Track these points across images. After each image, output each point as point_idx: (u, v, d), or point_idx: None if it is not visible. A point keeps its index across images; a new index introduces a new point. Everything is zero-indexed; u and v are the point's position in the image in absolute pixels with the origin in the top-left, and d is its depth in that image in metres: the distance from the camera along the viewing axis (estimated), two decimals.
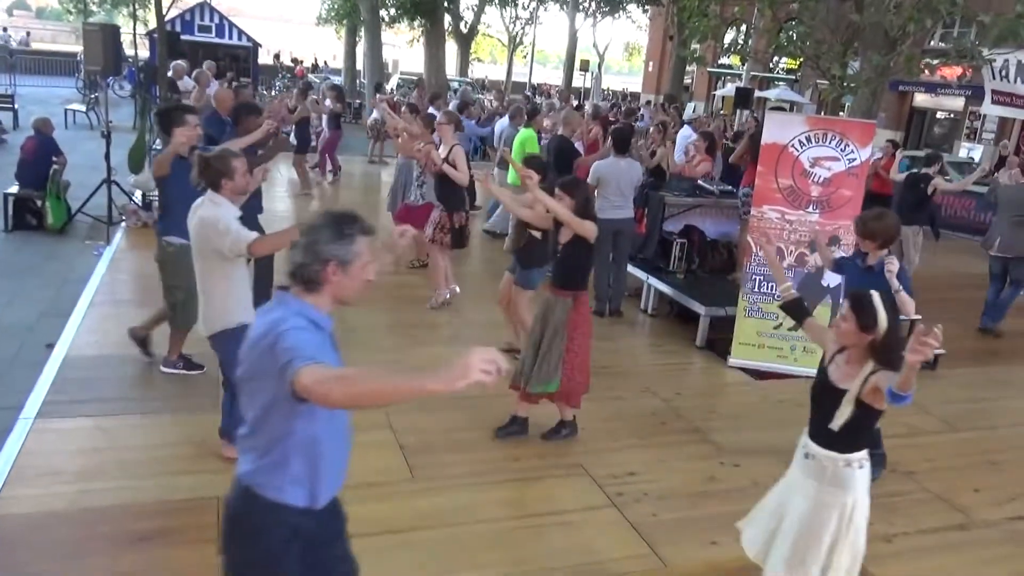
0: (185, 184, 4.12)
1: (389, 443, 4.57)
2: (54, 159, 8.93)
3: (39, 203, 8.69)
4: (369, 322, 6.55)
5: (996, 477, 4.98)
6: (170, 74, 11.63)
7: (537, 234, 5.55)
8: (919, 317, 4.14)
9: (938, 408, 5.90)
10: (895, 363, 2.82)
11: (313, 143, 12.69)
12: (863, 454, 3.10)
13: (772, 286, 6.38)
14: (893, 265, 4.35)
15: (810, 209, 6.30)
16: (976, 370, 6.94)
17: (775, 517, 3.26)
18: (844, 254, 6.25)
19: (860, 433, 3.07)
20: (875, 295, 3.02)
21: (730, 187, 8.80)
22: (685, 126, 12.72)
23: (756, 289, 6.42)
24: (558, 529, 3.97)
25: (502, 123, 11.26)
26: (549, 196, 4.56)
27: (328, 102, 12.57)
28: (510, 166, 8.46)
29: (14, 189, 8.74)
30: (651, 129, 10.76)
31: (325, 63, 35.66)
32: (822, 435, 3.10)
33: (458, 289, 7.25)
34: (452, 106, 12.56)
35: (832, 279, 6.30)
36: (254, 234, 3.79)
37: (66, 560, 3.36)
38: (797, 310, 3.62)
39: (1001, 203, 8.03)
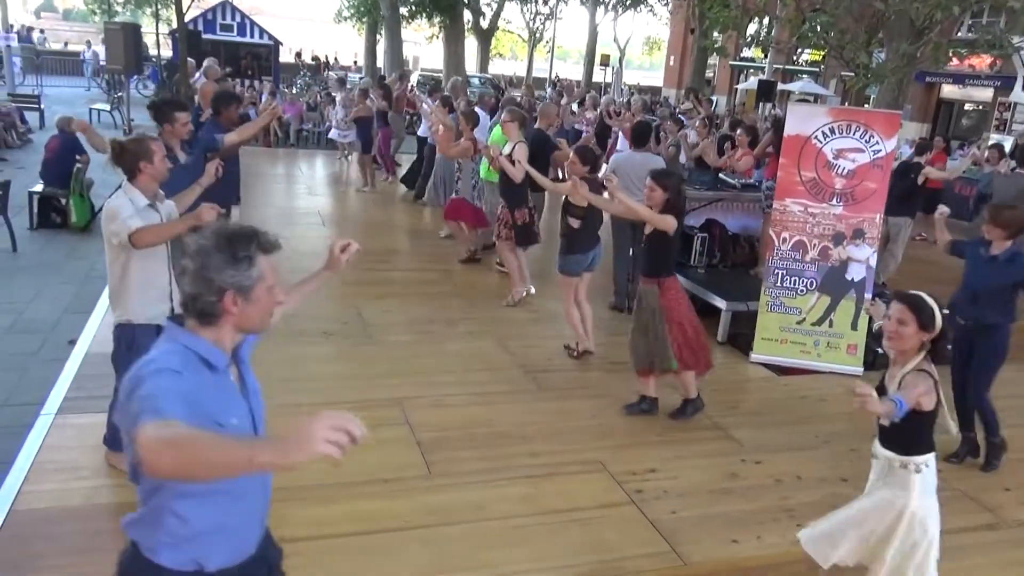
0: (173, 179, 4.03)
1: (406, 439, 4.55)
2: (77, 158, 9.02)
3: (63, 201, 8.79)
4: (386, 319, 6.55)
5: None
6: (198, 74, 11.62)
7: (575, 223, 5.69)
8: None
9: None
10: (945, 355, 2.88)
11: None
12: (923, 458, 3.01)
13: (795, 280, 6.29)
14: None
15: (833, 202, 6.19)
16: (1007, 366, 6.75)
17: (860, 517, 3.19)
18: (863, 249, 6.14)
19: (910, 435, 3.00)
20: (924, 295, 2.95)
21: (752, 180, 8.68)
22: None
23: (779, 284, 6.32)
24: (576, 526, 3.92)
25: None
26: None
27: (371, 100, 12.46)
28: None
29: (39, 188, 8.84)
30: (667, 121, 10.62)
31: (336, 60, 35.48)
32: (883, 434, 3.09)
33: (533, 289, 7.22)
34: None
35: (856, 273, 6.19)
36: (137, 223, 3.55)
37: (82, 555, 3.36)
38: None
39: (996, 195, 7.91)
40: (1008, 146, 17.46)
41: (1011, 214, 4.52)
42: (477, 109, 9.37)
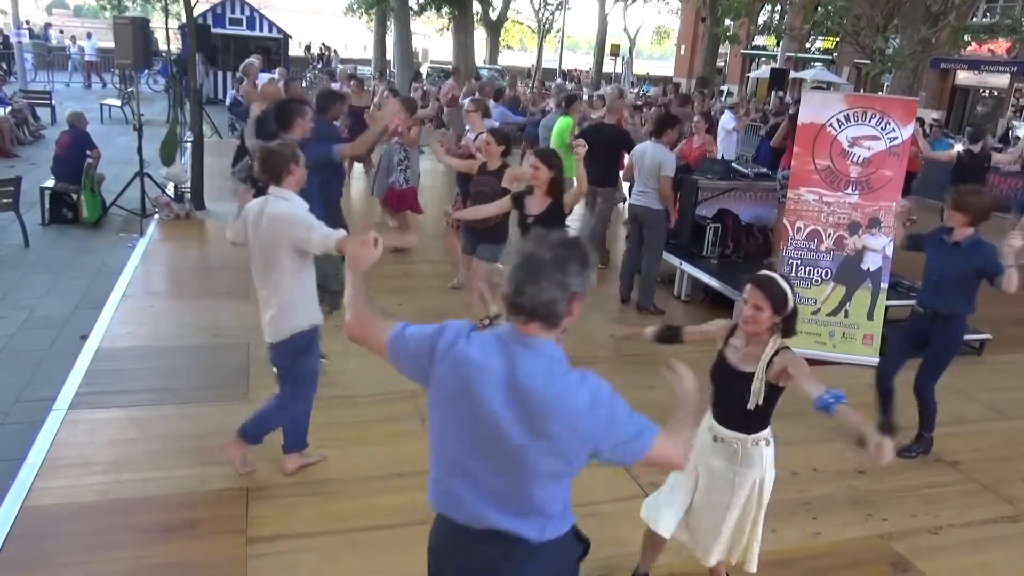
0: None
1: (419, 433, 4.52)
2: (88, 153, 9.03)
3: (74, 197, 8.81)
4: (398, 312, 6.52)
5: None
6: (238, 74, 11.49)
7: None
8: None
9: (985, 395, 5.69)
10: (795, 331, 2.95)
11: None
12: (768, 431, 3.07)
13: (809, 270, 6.21)
14: (1017, 240, 4.11)
15: (849, 190, 6.10)
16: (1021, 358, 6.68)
17: (684, 504, 3.20)
18: (884, 236, 6.05)
19: (767, 412, 3.02)
20: (777, 277, 2.95)
21: (765, 170, 8.59)
22: (726, 112, 12.40)
23: (793, 274, 6.24)
24: (589, 520, 3.84)
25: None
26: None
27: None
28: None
29: (50, 183, 8.86)
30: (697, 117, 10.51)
31: (336, 52, 35.05)
32: (729, 417, 3.04)
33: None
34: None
35: (872, 262, 6.10)
36: (341, 232, 3.57)
37: (95, 551, 3.36)
38: (668, 336, 3.32)
39: None
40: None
41: (974, 199, 4.35)
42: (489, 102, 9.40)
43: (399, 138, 7.74)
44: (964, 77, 24.17)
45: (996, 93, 23.53)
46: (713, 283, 7.01)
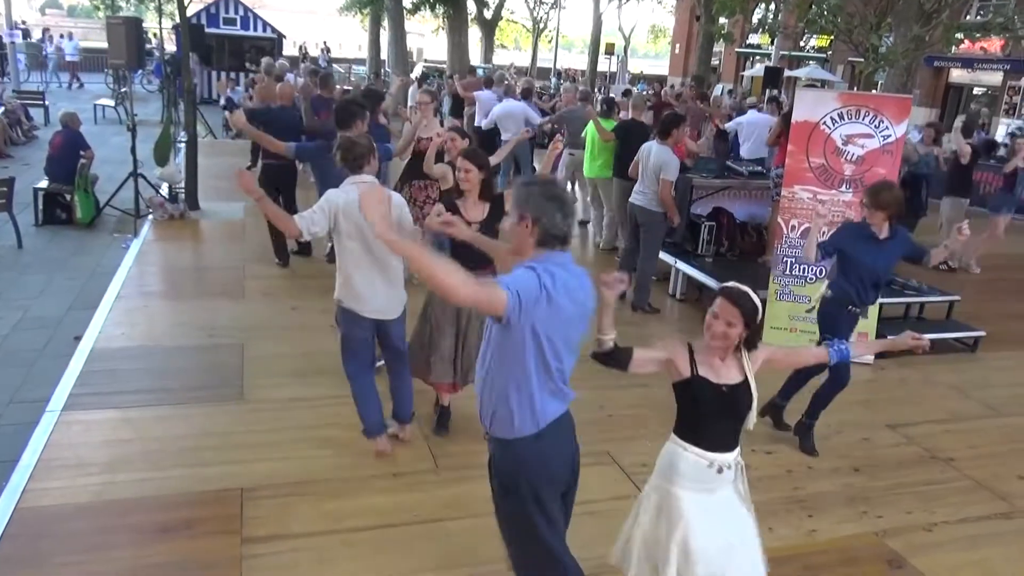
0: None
1: (413, 433, 4.52)
2: (82, 153, 9.00)
3: (68, 197, 8.78)
4: None
5: None
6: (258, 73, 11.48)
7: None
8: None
9: (980, 392, 5.71)
10: (756, 343, 2.80)
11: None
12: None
13: (804, 268, 6.23)
14: (966, 230, 4.23)
15: (843, 188, 6.11)
16: (1019, 353, 6.70)
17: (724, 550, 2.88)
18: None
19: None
20: (749, 291, 2.75)
21: (760, 168, 8.61)
22: (751, 111, 11.74)
23: (787, 272, 6.26)
24: (587, 519, 3.88)
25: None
26: None
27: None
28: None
29: (44, 184, 8.83)
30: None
31: (326, 50, 34.75)
32: (727, 439, 2.81)
33: None
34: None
35: None
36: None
37: (91, 552, 3.35)
38: (617, 357, 2.97)
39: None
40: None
41: (889, 195, 4.34)
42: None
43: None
44: (958, 75, 24.24)
45: (989, 91, 23.61)
46: (708, 281, 7.02)
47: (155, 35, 14.60)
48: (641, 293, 6.94)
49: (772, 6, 25.10)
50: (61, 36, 26.26)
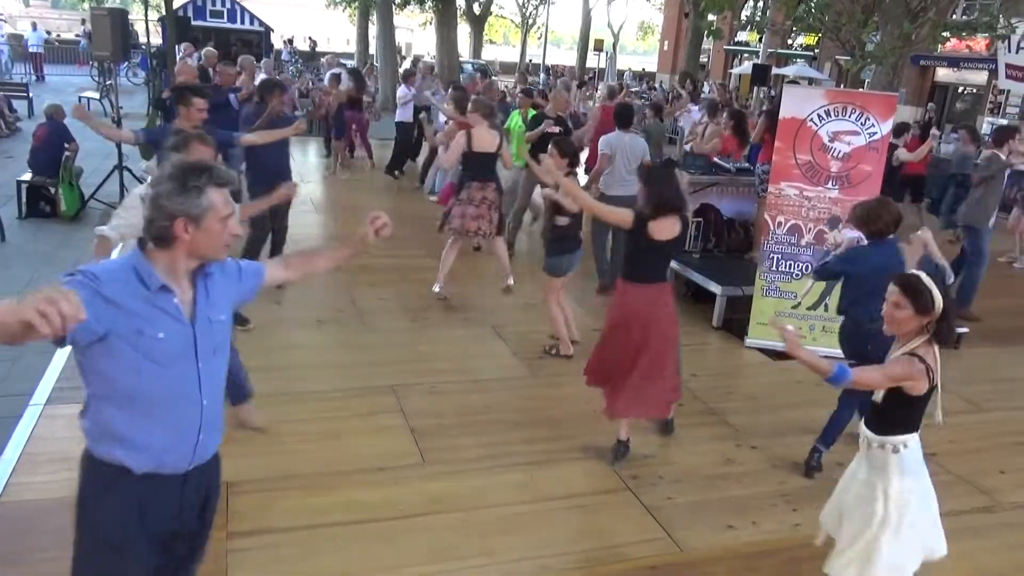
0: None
1: (399, 427, 4.52)
2: (66, 146, 8.91)
3: (52, 190, 8.69)
4: (380, 306, 6.51)
5: (1023, 459, 4.85)
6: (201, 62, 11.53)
7: (564, 220, 5.46)
8: None
9: (961, 388, 5.76)
10: (949, 337, 2.84)
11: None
12: (901, 439, 2.93)
13: (790, 265, 6.26)
14: (926, 234, 4.14)
15: (829, 185, 6.15)
16: (1000, 350, 6.77)
17: (841, 494, 3.20)
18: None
19: (891, 417, 2.95)
20: (923, 275, 2.88)
21: (747, 165, 8.64)
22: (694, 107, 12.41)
23: (774, 268, 6.29)
24: (573, 513, 3.91)
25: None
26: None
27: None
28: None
29: (27, 176, 8.74)
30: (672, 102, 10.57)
31: (289, 42, 34.14)
32: (869, 415, 3.04)
33: (511, 281, 6.89)
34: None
35: None
36: (103, 229, 3.73)
37: None
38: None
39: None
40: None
41: (862, 210, 4.33)
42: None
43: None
44: (943, 74, 24.41)
45: (975, 90, 23.80)
46: (695, 277, 7.05)
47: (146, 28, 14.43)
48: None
49: (760, 3, 25.20)
50: (33, 26, 25.08)
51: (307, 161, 13.40)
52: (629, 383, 4.18)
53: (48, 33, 26.91)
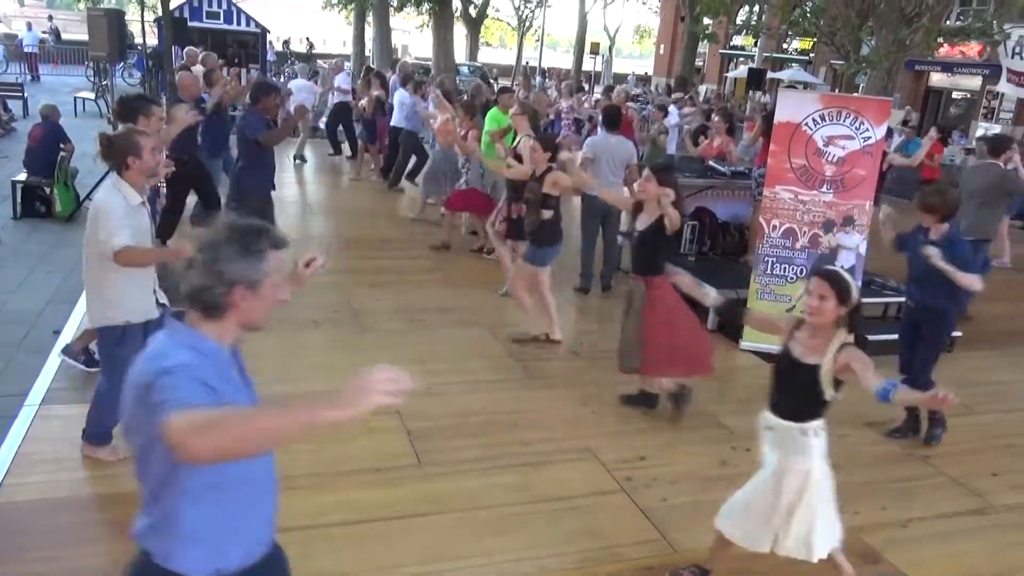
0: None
1: (395, 428, 4.52)
2: (61, 146, 8.89)
3: (47, 190, 8.68)
4: (376, 308, 6.51)
5: (1015, 461, 4.88)
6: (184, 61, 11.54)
7: (548, 214, 5.66)
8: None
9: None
10: (860, 326, 3.02)
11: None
12: (820, 423, 3.12)
13: (785, 268, 6.29)
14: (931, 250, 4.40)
15: (824, 189, 6.18)
16: (994, 353, 6.81)
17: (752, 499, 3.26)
18: (852, 235, 6.15)
19: (821, 404, 3.08)
20: (840, 270, 3.08)
21: (742, 168, 8.67)
22: (671, 107, 12.34)
23: (768, 271, 6.32)
24: (567, 514, 3.91)
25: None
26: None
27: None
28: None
29: (22, 176, 8.72)
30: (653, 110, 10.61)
31: (270, 44, 33.93)
32: (783, 407, 3.13)
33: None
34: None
35: (845, 260, 6.19)
36: (126, 239, 3.49)
37: (69, 547, 3.34)
38: (732, 310, 3.61)
39: (962, 184, 7.73)
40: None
41: (935, 199, 4.63)
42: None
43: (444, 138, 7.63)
44: (937, 79, 24.53)
45: (969, 95, 23.92)
46: None
47: (142, 28, 14.43)
48: (612, 274, 7.48)
49: (756, 8, 25.29)
50: (28, 26, 25.08)
51: (304, 163, 13.39)
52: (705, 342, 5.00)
53: (43, 33, 26.79)
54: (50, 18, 26.68)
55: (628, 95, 13.48)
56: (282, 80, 20.11)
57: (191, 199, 7.66)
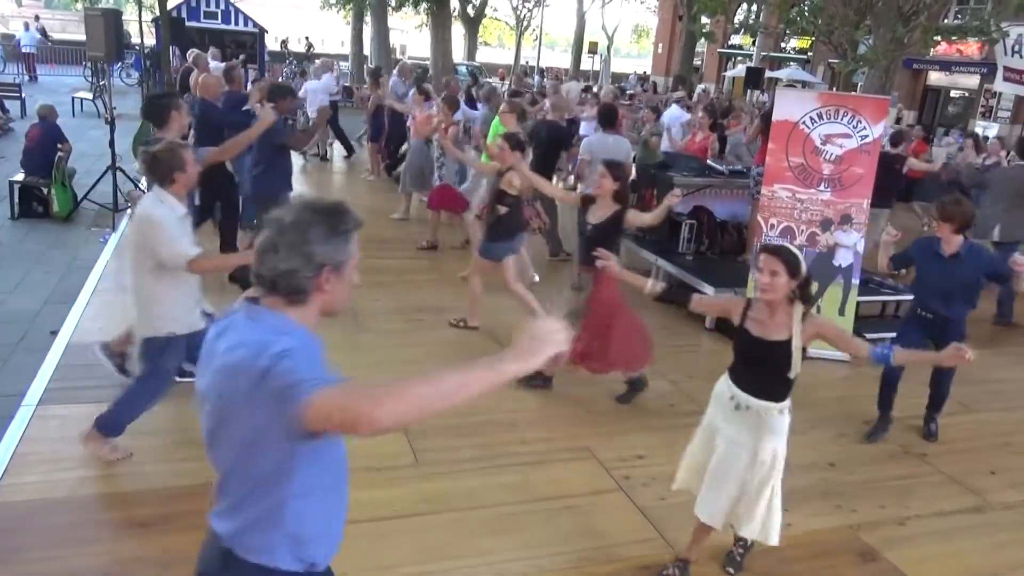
0: None
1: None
2: (59, 146, 8.89)
3: (45, 190, 8.66)
4: (375, 307, 6.50)
5: (1012, 459, 4.89)
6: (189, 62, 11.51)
7: (503, 210, 5.79)
8: None
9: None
10: (810, 298, 3.08)
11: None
12: (789, 401, 3.18)
13: None
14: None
15: (821, 187, 6.18)
16: (992, 351, 6.81)
17: (714, 476, 3.25)
18: (856, 234, 6.15)
19: (789, 382, 3.12)
20: (787, 244, 3.16)
21: (739, 166, 8.69)
22: (673, 105, 12.49)
23: None
24: (565, 513, 3.91)
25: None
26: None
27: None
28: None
29: (20, 177, 8.71)
30: (644, 111, 10.61)
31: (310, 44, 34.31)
32: (758, 386, 3.15)
33: (537, 277, 7.21)
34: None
35: (843, 259, 6.20)
36: (196, 250, 3.60)
37: (67, 547, 3.33)
38: (675, 296, 3.53)
39: (994, 188, 7.65)
40: (993, 134, 17.48)
41: (955, 208, 4.60)
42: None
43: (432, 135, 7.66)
44: (936, 78, 24.54)
45: (967, 94, 23.93)
46: (688, 279, 7.07)
47: (139, 28, 14.38)
48: None
49: (753, 6, 25.29)
50: (25, 26, 24.75)
51: (300, 162, 13.37)
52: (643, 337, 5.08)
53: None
54: (36, 18, 26.58)
55: (617, 94, 13.49)
56: (280, 79, 20.08)
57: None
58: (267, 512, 1.73)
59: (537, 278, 7.21)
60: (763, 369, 3.12)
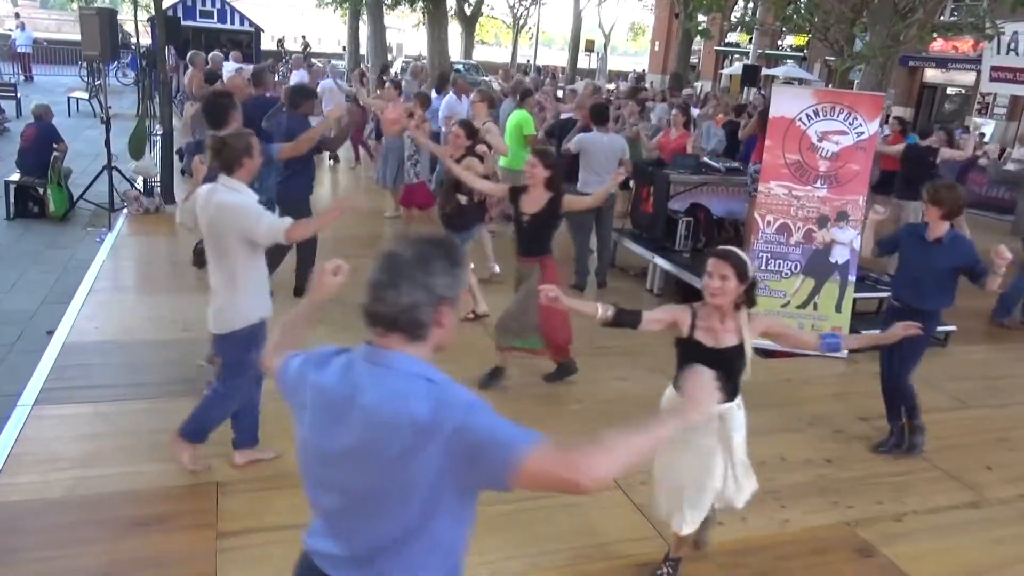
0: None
1: None
2: (55, 146, 8.87)
3: (41, 191, 8.65)
4: None
5: (1009, 455, 4.89)
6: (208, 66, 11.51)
7: (463, 199, 5.86)
8: None
9: (949, 385, 5.80)
10: (755, 300, 3.10)
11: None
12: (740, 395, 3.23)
13: (779, 264, 6.30)
14: (1007, 253, 4.06)
15: (818, 184, 6.19)
16: (988, 347, 6.84)
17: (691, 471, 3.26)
18: (854, 231, 6.16)
19: (739, 378, 3.17)
20: (735, 249, 3.13)
21: (736, 164, 8.68)
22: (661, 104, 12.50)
23: (763, 267, 6.32)
24: (563, 512, 3.91)
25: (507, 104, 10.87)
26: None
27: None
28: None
29: (16, 177, 8.70)
30: (628, 105, 10.52)
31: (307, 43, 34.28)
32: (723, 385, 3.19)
33: (497, 268, 7.30)
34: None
35: (840, 255, 6.20)
36: (288, 220, 3.59)
37: (64, 546, 3.32)
38: (625, 320, 3.23)
39: None
40: (988, 132, 17.44)
41: (947, 193, 4.44)
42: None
43: (410, 132, 7.63)
44: (932, 75, 24.55)
45: (963, 91, 23.95)
46: (685, 276, 7.07)
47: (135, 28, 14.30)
48: (606, 271, 7.59)
49: (750, 4, 25.33)
50: (21, 26, 24.60)
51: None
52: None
53: (10, 31, 26.46)
54: (16, 15, 26.48)
55: (595, 89, 13.44)
56: (277, 78, 20.05)
57: None
58: (401, 568, 1.70)
59: (498, 269, 7.25)
60: (719, 376, 3.08)
